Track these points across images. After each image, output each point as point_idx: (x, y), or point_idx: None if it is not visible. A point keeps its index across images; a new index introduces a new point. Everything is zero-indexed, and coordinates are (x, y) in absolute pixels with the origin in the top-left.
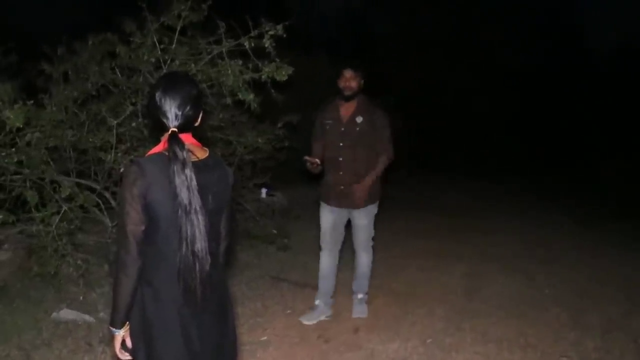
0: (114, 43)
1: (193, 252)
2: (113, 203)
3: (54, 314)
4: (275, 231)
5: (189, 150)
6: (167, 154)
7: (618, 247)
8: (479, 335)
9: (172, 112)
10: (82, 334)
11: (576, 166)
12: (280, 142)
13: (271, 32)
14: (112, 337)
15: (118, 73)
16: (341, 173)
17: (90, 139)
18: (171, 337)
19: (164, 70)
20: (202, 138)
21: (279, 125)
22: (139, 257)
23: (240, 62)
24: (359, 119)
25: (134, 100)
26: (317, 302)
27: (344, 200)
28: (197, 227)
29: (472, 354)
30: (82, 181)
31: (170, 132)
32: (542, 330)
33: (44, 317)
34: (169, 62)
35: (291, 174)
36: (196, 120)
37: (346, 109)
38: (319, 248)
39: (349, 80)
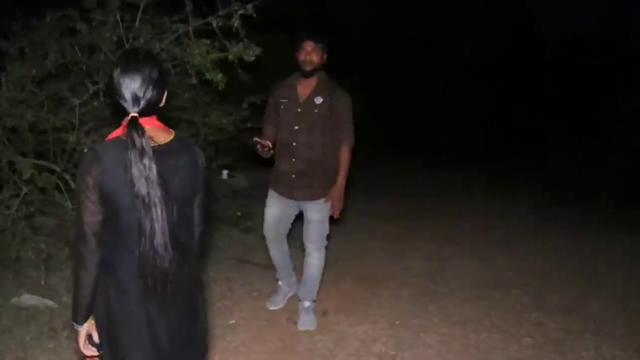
0: (74, 19)
1: (152, 247)
2: (73, 185)
3: (14, 300)
4: (239, 213)
5: (150, 136)
6: (125, 139)
7: (573, 230)
8: (445, 317)
9: (131, 95)
10: (45, 319)
11: (530, 153)
12: (243, 123)
13: (241, 12)
14: (77, 332)
15: (78, 51)
16: (294, 160)
17: (50, 120)
18: (136, 330)
19: (127, 48)
20: (164, 118)
21: (244, 105)
22: (97, 250)
23: (208, 41)
24: (318, 100)
25: (96, 80)
26: (279, 282)
27: (296, 191)
28: (156, 221)
29: (439, 335)
30: (42, 162)
31: (130, 117)
32: (505, 311)
33: (3, 302)
34: (131, 40)
35: (249, 156)
36: (160, 102)
37: (304, 87)
38: (263, 237)
39: (310, 53)
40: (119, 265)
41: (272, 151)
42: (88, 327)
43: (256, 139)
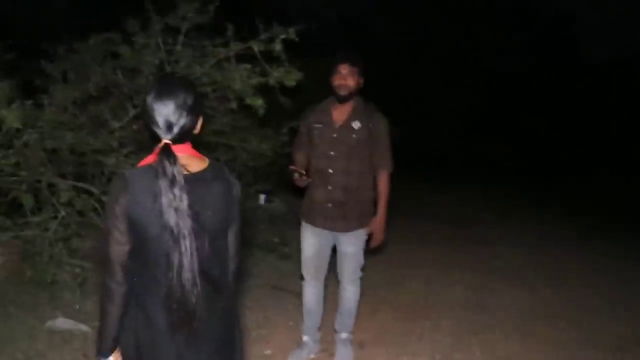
0: (117, 43)
1: (180, 282)
2: None
3: (49, 323)
4: (276, 239)
5: (183, 165)
6: (156, 167)
7: (622, 262)
8: (488, 351)
9: (164, 121)
10: (79, 344)
11: (567, 176)
12: (282, 148)
13: (283, 36)
14: None
15: (120, 74)
16: (330, 188)
17: (90, 142)
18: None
19: (167, 71)
20: (202, 143)
21: (283, 130)
22: (124, 282)
23: (249, 66)
24: (356, 125)
25: (136, 103)
26: (305, 338)
27: (331, 222)
28: (185, 254)
29: None
30: (80, 184)
31: (162, 144)
32: (552, 347)
33: (38, 326)
34: (173, 63)
35: (286, 181)
36: (194, 129)
37: (340, 112)
38: (301, 278)
39: (346, 77)
40: (146, 297)
41: (309, 179)
42: (115, 358)
43: (292, 167)
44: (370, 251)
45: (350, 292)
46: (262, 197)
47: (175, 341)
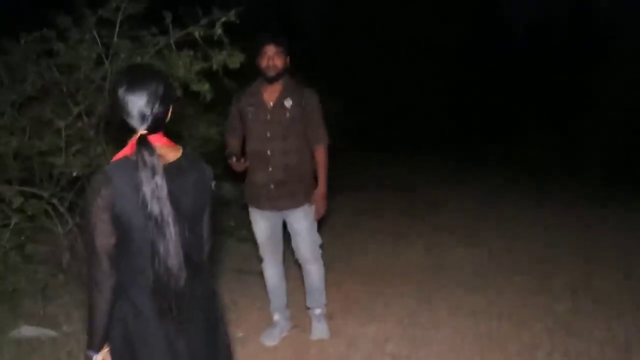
0: (51, 40)
1: (167, 268)
2: (62, 209)
3: (13, 333)
4: (232, 223)
5: (160, 155)
6: (134, 158)
7: (565, 210)
8: (453, 309)
9: (138, 112)
10: (48, 350)
11: (509, 137)
12: None
13: (223, 19)
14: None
15: (56, 72)
16: (270, 169)
17: (36, 144)
18: (156, 352)
19: (107, 65)
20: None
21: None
22: (112, 273)
23: (191, 52)
24: (288, 103)
25: (78, 100)
26: (275, 317)
27: (277, 202)
28: (170, 241)
29: (450, 329)
30: (28, 189)
31: (139, 135)
32: (511, 298)
33: (1, 337)
34: (111, 57)
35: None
36: (166, 118)
37: (271, 93)
38: (260, 260)
39: (273, 57)
40: (132, 288)
41: (247, 163)
42: (103, 355)
43: (229, 150)
44: (327, 223)
45: (313, 271)
46: (212, 184)
47: (163, 328)
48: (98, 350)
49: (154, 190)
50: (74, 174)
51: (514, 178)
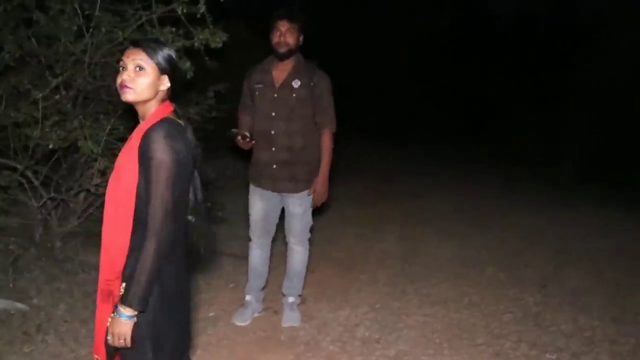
0: (30, 9)
1: (201, 215)
2: (36, 182)
3: None
4: (208, 204)
5: None
6: (172, 119)
7: (540, 206)
8: (424, 298)
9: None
10: (17, 323)
11: (488, 129)
12: (209, 112)
13: None
14: (123, 324)
15: (34, 42)
16: (274, 149)
17: (11, 115)
18: (182, 305)
19: (87, 39)
20: (130, 111)
21: (210, 94)
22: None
23: (173, 29)
24: (296, 83)
25: (57, 72)
26: (247, 297)
27: (278, 183)
28: (198, 190)
29: (421, 316)
30: (2, 160)
31: (171, 105)
32: (482, 289)
33: None
34: (92, 30)
35: (214, 145)
36: None
37: (280, 71)
38: (249, 239)
39: (285, 34)
40: (178, 247)
41: (253, 141)
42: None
43: (234, 130)
44: (315, 210)
45: (298, 252)
46: None
47: (188, 281)
48: (144, 309)
49: (192, 142)
50: (50, 146)
51: (494, 172)
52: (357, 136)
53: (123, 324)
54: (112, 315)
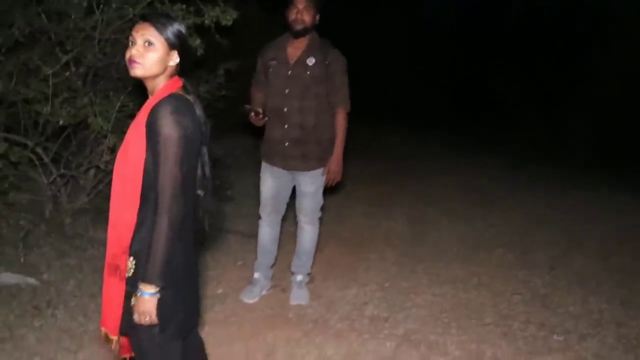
0: None
1: (209, 190)
2: (46, 159)
3: None
4: (217, 182)
5: None
6: (181, 94)
7: (549, 189)
8: (434, 277)
9: None
10: (28, 297)
11: (500, 116)
12: (219, 90)
13: None
14: (147, 302)
15: (44, 19)
16: (286, 127)
17: (21, 91)
18: (191, 281)
19: (97, 15)
20: (139, 86)
21: (220, 72)
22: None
23: (183, 6)
24: (311, 61)
25: (67, 48)
26: (256, 275)
27: (290, 161)
28: (207, 165)
29: (430, 296)
30: (13, 136)
31: (182, 80)
32: (491, 270)
33: None
34: (102, 6)
35: (223, 123)
36: None
37: (295, 49)
38: (259, 217)
39: (302, 11)
40: (186, 218)
41: (266, 118)
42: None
43: (248, 106)
44: (325, 190)
45: (308, 232)
46: None
47: (197, 256)
48: (166, 284)
49: (201, 118)
50: (60, 123)
51: (503, 156)
52: (367, 119)
53: (147, 301)
54: (134, 294)
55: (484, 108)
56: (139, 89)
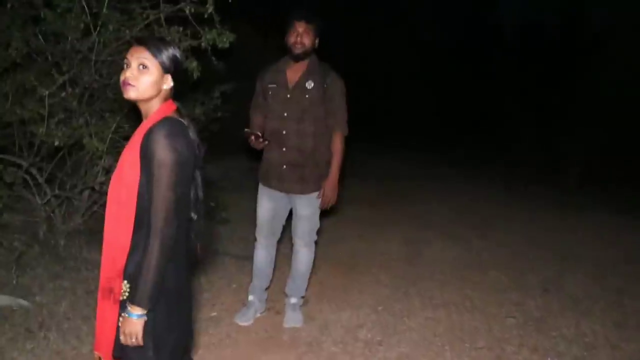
0: (38, 6)
1: (201, 214)
2: (40, 179)
3: None
4: (212, 204)
5: None
6: (176, 117)
7: (543, 211)
8: (427, 300)
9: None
10: (20, 320)
11: (496, 136)
12: (215, 112)
13: None
14: (134, 324)
15: (41, 39)
16: (284, 149)
17: (17, 112)
18: (183, 304)
19: (94, 37)
20: (135, 109)
21: (216, 94)
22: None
23: (180, 28)
24: (309, 85)
25: (63, 69)
26: (250, 297)
27: (287, 184)
28: (200, 188)
29: (423, 319)
30: (7, 157)
31: (175, 104)
32: (484, 292)
33: None
34: (99, 28)
35: (219, 146)
36: None
37: (294, 72)
38: (254, 239)
39: (302, 35)
40: (179, 242)
41: (266, 142)
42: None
43: (247, 130)
44: (320, 212)
45: (304, 254)
46: None
47: (189, 280)
48: (153, 307)
49: (195, 142)
50: (55, 144)
51: (498, 176)
52: (363, 139)
53: (134, 323)
54: (122, 315)
55: (480, 129)
56: (135, 111)
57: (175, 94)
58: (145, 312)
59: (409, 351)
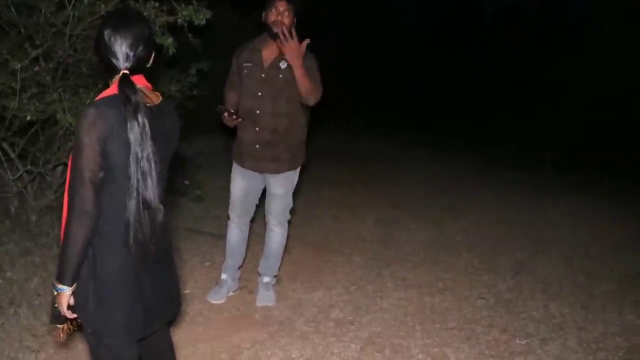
0: None
1: (145, 202)
2: (12, 154)
3: None
4: (187, 182)
5: (143, 94)
6: (119, 97)
7: (518, 194)
8: (399, 281)
9: (122, 52)
10: None
11: (472, 119)
12: (190, 90)
13: None
14: (56, 295)
15: (14, 11)
16: (257, 129)
17: None
18: (125, 289)
19: (69, 11)
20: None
21: (192, 72)
22: (96, 207)
23: (156, 4)
24: (283, 64)
25: (37, 43)
26: (223, 276)
27: (261, 163)
28: (148, 176)
29: (395, 300)
30: None
31: (121, 73)
32: (457, 274)
33: None
34: (74, 1)
35: (194, 124)
36: (148, 61)
37: (270, 51)
38: (228, 218)
39: (282, 13)
40: (108, 227)
41: (240, 119)
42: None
43: (221, 106)
44: (295, 192)
45: (277, 233)
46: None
47: (133, 265)
48: (71, 284)
49: (137, 127)
50: (27, 118)
51: (476, 161)
52: (340, 123)
53: (57, 295)
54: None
55: (458, 112)
56: (108, 87)
57: (150, 70)
58: (61, 286)
59: (380, 330)
